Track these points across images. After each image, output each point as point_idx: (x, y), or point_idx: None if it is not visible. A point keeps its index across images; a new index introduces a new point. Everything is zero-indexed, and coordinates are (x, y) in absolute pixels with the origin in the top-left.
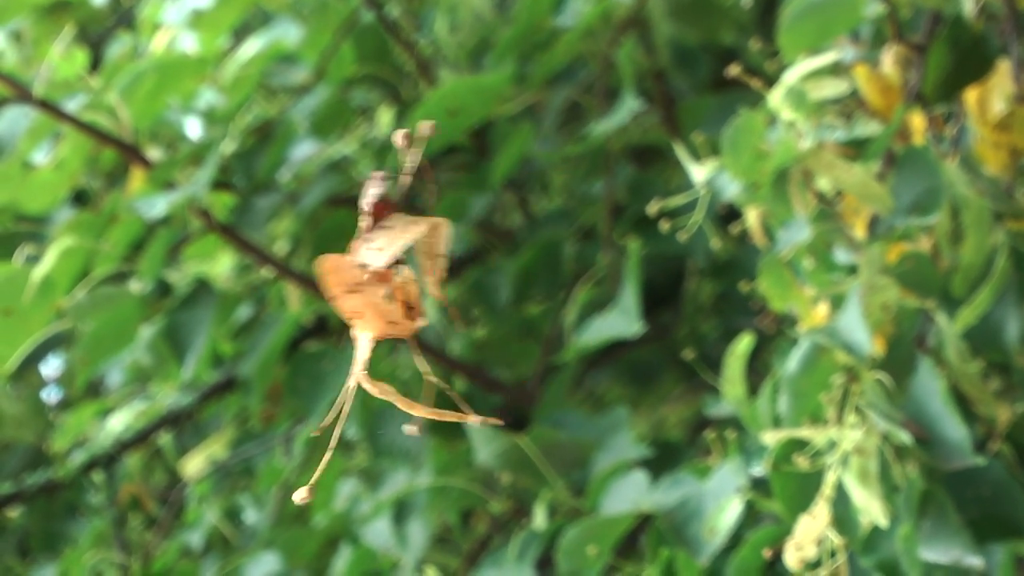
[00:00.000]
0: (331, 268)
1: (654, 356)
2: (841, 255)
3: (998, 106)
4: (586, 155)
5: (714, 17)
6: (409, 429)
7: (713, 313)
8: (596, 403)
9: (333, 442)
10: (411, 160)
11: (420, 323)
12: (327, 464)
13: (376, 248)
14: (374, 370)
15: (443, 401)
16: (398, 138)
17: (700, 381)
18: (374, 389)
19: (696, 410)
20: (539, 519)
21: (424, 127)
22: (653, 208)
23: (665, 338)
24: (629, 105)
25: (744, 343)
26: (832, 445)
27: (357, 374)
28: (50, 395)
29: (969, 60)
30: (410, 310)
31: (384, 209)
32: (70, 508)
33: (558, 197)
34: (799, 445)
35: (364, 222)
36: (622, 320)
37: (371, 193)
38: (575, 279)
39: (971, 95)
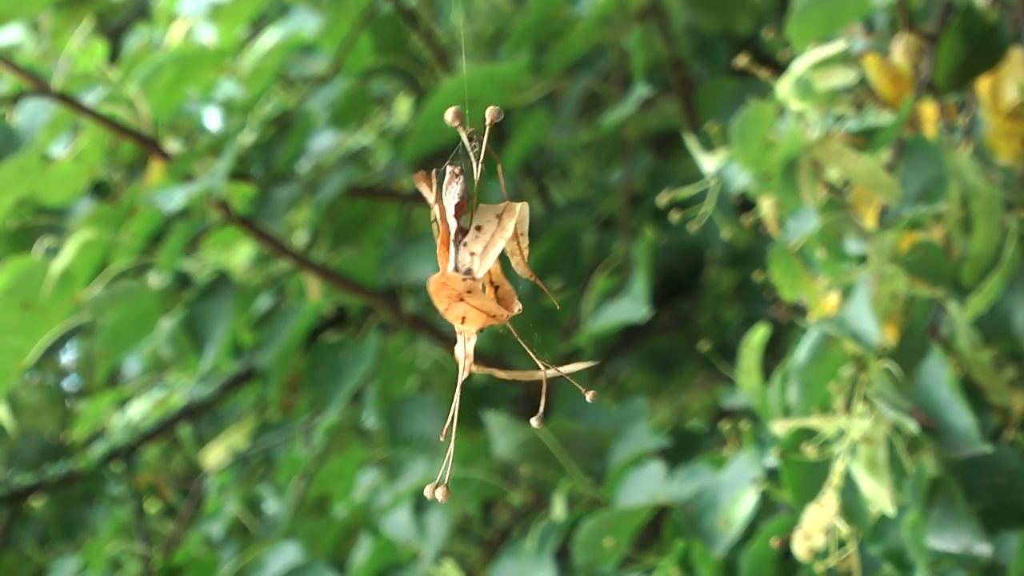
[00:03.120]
0: (439, 285)
1: (675, 344)
2: (851, 244)
3: (1011, 95)
4: (605, 143)
5: (732, 5)
6: (536, 422)
7: (734, 301)
8: (618, 391)
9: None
10: (475, 147)
11: (517, 308)
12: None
13: (474, 253)
14: (394, 361)
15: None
16: (450, 116)
17: (721, 369)
18: (483, 369)
19: (718, 398)
20: (558, 510)
21: (492, 112)
22: (664, 198)
23: (686, 326)
24: (639, 92)
25: (759, 334)
26: (841, 434)
27: (465, 368)
28: (69, 384)
29: (981, 49)
30: (504, 297)
31: (462, 204)
32: (89, 498)
33: (578, 186)
34: (808, 434)
35: (447, 221)
36: (632, 306)
37: (451, 191)
38: (594, 268)
39: (983, 84)
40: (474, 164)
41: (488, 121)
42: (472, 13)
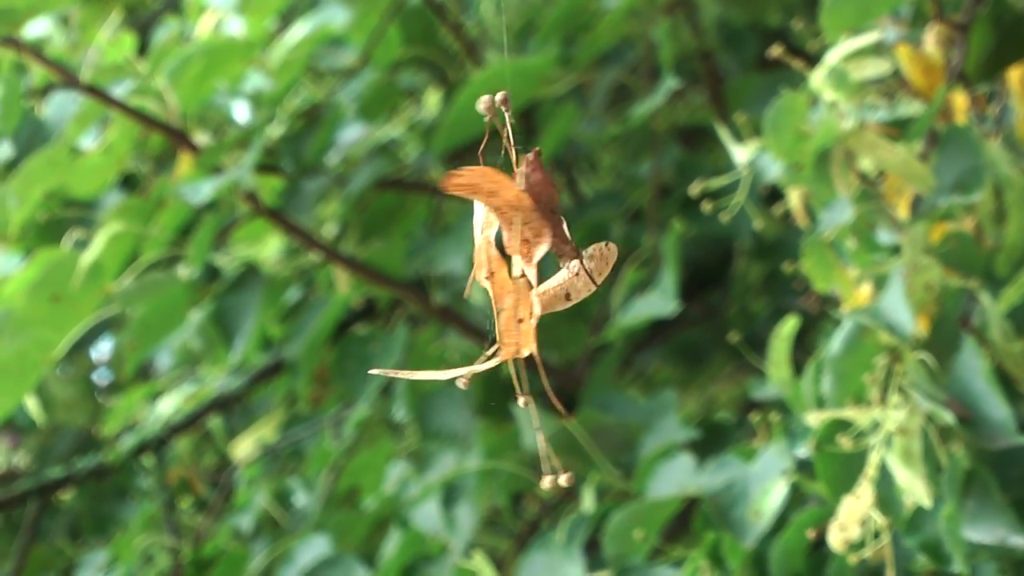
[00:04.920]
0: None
1: (704, 336)
2: (884, 235)
3: None
4: (634, 136)
5: None
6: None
7: (763, 292)
8: (646, 384)
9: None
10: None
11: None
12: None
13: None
14: (423, 353)
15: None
16: (500, 100)
17: (750, 361)
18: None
19: (747, 390)
20: (587, 502)
21: (501, 98)
22: (695, 189)
23: (715, 318)
24: (668, 85)
25: (789, 325)
26: (876, 426)
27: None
28: (100, 378)
29: (1012, 39)
30: None
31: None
32: (120, 491)
33: (606, 178)
34: (843, 426)
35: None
36: (660, 300)
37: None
38: (623, 261)
39: (1014, 74)
40: (512, 151)
41: (498, 104)
42: (502, 6)
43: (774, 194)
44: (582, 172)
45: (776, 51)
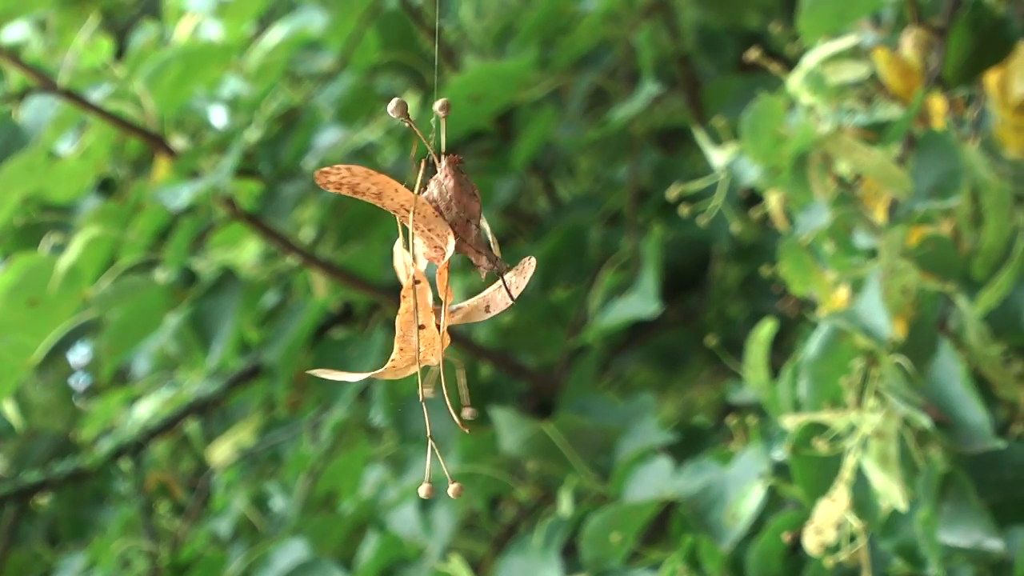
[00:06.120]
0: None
1: (681, 340)
2: (861, 239)
3: (1019, 89)
4: (611, 139)
5: (738, 1)
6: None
7: (740, 296)
8: (624, 387)
9: None
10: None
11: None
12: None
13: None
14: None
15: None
16: (392, 106)
17: (728, 364)
18: None
19: (724, 393)
20: (565, 505)
21: (441, 105)
22: (673, 192)
23: (692, 322)
24: (648, 90)
25: (766, 329)
26: (852, 429)
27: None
28: (78, 383)
29: (990, 43)
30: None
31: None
32: (98, 496)
33: (584, 182)
34: (819, 429)
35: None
36: (641, 302)
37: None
38: (601, 264)
39: (992, 78)
40: (435, 156)
41: (442, 114)
42: (481, 9)
43: (752, 198)
44: (560, 176)
45: (754, 55)
